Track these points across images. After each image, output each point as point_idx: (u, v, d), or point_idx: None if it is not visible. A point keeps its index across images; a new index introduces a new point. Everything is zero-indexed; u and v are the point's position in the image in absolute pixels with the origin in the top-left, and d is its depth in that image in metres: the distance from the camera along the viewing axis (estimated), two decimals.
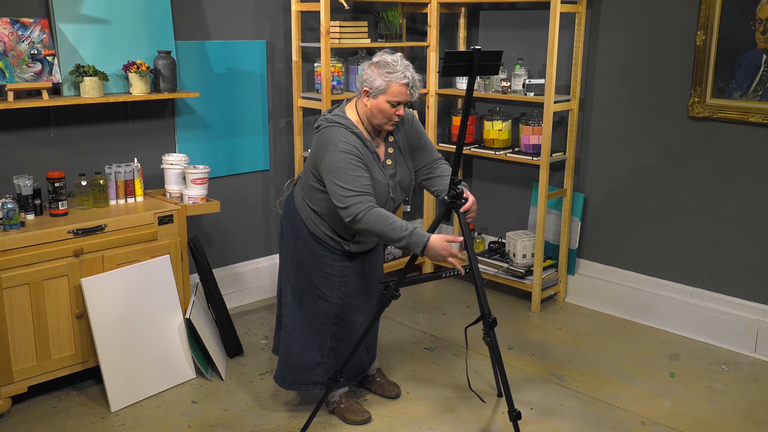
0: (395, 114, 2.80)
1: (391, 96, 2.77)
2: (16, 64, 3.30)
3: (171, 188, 3.71)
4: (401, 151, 2.97)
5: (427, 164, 3.04)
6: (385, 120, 2.83)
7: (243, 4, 4.14)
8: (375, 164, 2.86)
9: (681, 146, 4.06)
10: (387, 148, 2.94)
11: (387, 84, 2.76)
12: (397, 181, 2.95)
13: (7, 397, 3.15)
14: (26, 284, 3.11)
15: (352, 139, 2.80)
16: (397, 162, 2.96)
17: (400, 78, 2.76)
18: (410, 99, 2.81)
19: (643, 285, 4.30)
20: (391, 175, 2.93)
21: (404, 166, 2.98)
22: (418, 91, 2.83)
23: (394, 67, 2.76)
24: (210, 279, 3.77)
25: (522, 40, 4.66)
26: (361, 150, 2.80)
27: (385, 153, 2.93)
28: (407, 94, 2.78)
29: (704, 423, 3.23)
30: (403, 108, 2.82)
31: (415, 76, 2.80)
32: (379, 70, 2.78)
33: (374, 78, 2.78)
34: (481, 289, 2.76)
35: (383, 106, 2.79)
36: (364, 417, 3.19)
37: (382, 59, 2.80)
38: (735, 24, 3.74)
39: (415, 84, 2.80)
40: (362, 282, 3.10)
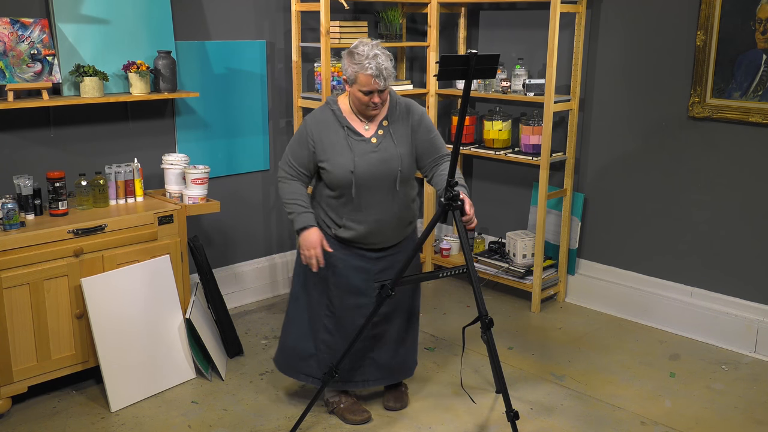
0: (371, 102, 2.84)
1: (360, 86, 2.82)
2: (16, 64, 3.30)
3: (171, 188, 3.71)
4: (393, 137, 2.96)
5: (433, 159, 3.04)
6: (363, 106, 2.88)
7: (243, 4, 4.14)
8: (344, 139, 2.90)
9: (681, 146, 4.06)
10: (378, 129, 2.95)
11: (355, 74, 2.81)
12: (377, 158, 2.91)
13: (7, 397, 3.15)
14: (26, 284, 3.11)
15: (323, 115, 2.93)
16: (387, 147, 2.94)
17: (366, 69, 2.77)
18: (380, 88, 2.82)
19: (643, 285, 4.30)
20: (372, 151, 2.91)
21: (401, 148, 2.95)
22: (388, 80, 2.82)
23: (361, 57, 2.78)
24: (210, 279, 3.77)
25: (522, 40, 4.66)
26: (319, 129, 2.91)
27: (375, 133, 2.94)
28: (374, 83, 2.79)
29: (704, 423, 3.23)
30: (378, 96, 2.83)
31: (383, 65, 2.78)
32: (350, 59, 2.83)
33: (347, 67, 2.85)
34: (478, 289, 2.77)
35: (357, 95, 2.85)
36: (363, 417, 3.18)
37: (355, 49, 2.83)
38: (735, 24, 3.74)
39: (381, 73, 2.78)
40: (363, 282, 3.04)
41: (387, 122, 2.97)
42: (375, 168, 2.91)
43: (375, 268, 3.05)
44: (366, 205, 2.94)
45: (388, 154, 2.93)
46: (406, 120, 2.99)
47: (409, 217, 3.09)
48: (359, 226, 2.96)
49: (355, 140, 2.92)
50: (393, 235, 3.04)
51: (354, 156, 2.89)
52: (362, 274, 3.04)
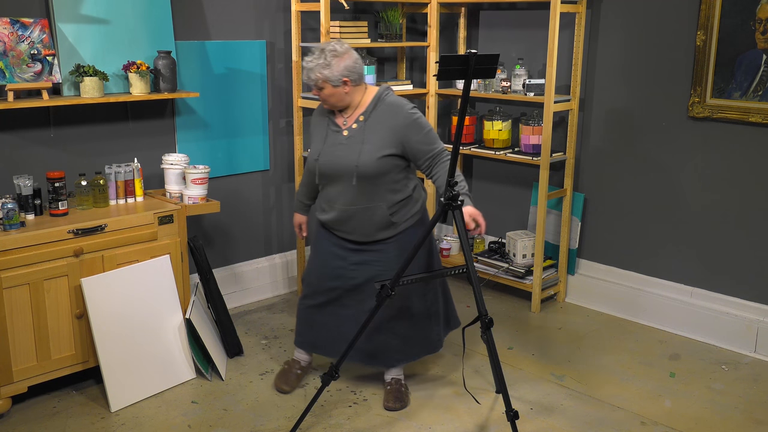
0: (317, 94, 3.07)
1: None
2: (16, 64, 3.30)
3: (171, 188, 3.71)
4: (364, 134, 3.05)
5: (429, 158, 3.08)
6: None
7: (243, 4, 4.14)
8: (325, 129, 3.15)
9: (681, 146, 4.06)
10: (353, 124, 3.09)
11: None
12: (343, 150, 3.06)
13: (7, 397, 3.16)
14: (26, 284, 3.11)
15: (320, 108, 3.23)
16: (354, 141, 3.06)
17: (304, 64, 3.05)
18: (311, 84, 3.03)
19: (643, 285, 4.30)
20: (340, 143, 3.09)
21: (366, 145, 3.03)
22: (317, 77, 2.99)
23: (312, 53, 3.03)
24: (210, 279, 3.77)
25: (522, 40, 4.66)
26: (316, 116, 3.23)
27: (349, 127, 3.09)
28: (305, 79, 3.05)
29: (704, 423, 3.23)
30: (316, 90, 3.04)
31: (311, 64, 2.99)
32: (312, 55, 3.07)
33: None
34: (478, 289, 2.78)
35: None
36: (283, 387, 3.39)
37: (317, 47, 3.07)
38: (735, 24, 3.74)
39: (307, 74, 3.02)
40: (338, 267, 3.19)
41: (363, 118, 3.07)
42: (337, 159, 3.07)
43: (352, 258, 3.19)
44: (333, 193, 3.14)
45: (352, 148, 3.04)
46: (387, 122, 3.04)
47: (378, 222, 3.10)
48: (331, 211, 3.16)
49: (332, 131, 3.12)
50: (365, 230, 3.12)
51: (323, 146, 3.11)
52: (338, 260, 3.20)
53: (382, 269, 3.15)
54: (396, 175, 3.09)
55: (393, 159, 3.05)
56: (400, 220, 3.14)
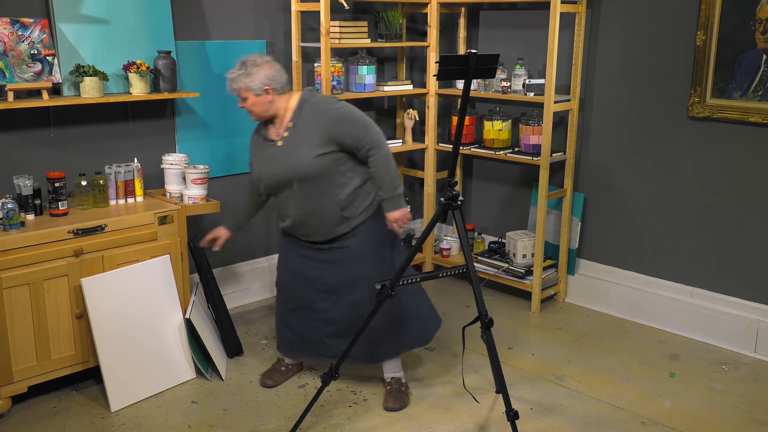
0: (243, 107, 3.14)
1: None
2: (16, 64, 3.30)
3: (171, 188, 3.71)
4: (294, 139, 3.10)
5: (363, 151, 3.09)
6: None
7: (243, 4, 4.14)
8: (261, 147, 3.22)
9: (681, 146, 4.06)
10: (284, 132, 3.14)
11: None
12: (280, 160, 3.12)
13: (7, 397, 3.15)
14: (26, 284, 3.11)
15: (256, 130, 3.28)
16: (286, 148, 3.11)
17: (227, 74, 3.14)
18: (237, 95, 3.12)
19: (643, 285, 4.30)
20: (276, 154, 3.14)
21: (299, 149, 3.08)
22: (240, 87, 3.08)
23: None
24: (210, 279, 3.77)
25: (522, 40, 4.66)
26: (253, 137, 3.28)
27: (282, 136, 3.15)
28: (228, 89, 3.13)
29: (704, 423, 3.23)
30: (242, 102, 3.12)
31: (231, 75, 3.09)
32: None
33: None
34: (478, 289, 2.78)
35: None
36: (266, 382, 3.47)
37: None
38: (735, 24, 3.74)
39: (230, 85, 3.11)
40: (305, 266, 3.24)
41: (292, 124, 3.12)
42: (276, 170, 3.13)
43: (317, 258, 3.23)
44: (282, 203, 3.20)
45: (288, 155, 3.09)
46: (315, 121, 3.07)
47: (331, 219, 3.12)
48: (287, 219, 3.22)
49: (267, 146, 3.18)
50: (322, 230, 3.16)
51: (262, 162, 3.19)
52: (305, 261, 3.26)
53: (349, 265, 3.20)
54: (338, 169, 3.09)
55: (331, 155, 3.06)
56: (353, 213, 3.15)
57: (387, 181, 3.08)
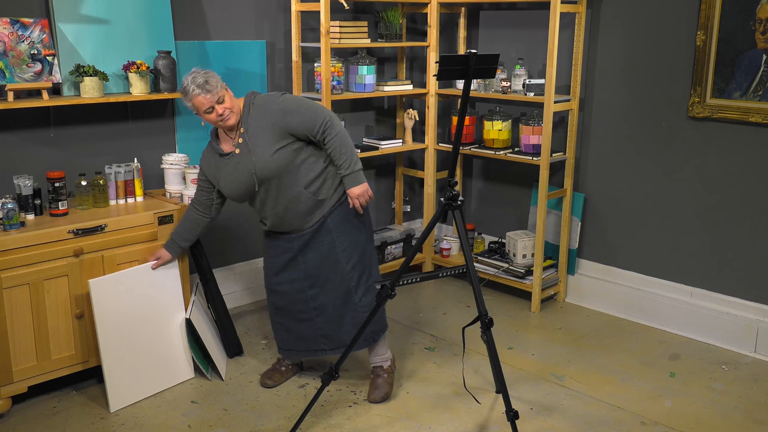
0: (217, 116, 3.05)
1: (201, 108, 3.05)
2: (16, 64, 3.30)
3: (171, 188, 3.71)
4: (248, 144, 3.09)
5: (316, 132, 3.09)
6: (218, 123, 3.10)
7: (243, 4, 4.14)
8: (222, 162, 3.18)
9: (681, 146, 4.06)
10: (238, 139, 3.13)
11: (191, 103, 3.05)
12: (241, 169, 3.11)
13: (7, 397, 3.15)
14: (26, 284, 3.11)
15: (207, 150, 3.27)
16: (244, 153, 3.11)
17: (192, 93, 3.01)
18: (214, 98, 3.02)
19: (643, 285, 4.30)
20: (237, 164, 3.13)
21: (256, 150, 3.08)
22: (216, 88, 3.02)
23: (185, 88, 3.03)
24: (210, 279, 3.76)
25: (522, 40, 4.66)
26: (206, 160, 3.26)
27: (237, 144, 3.13)
28: (205, 99, 3.01)
29: (704, 423, 3.23)
30: (218, 107, 3.04)
31: (200, 80, 3.00)
32: (183, 98, 3.08)
33: (186, 104, 3.09)
34: (478, 289, 2.78)
35: (207, 117, 3.08)
36: (266, 382, 3.49)
37: (181, 87, 3.08)
38: (735, 24, 3.74)
39: (204, 87, 3.00)
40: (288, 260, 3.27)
41: (243, 129, 3.13)
42: (241, 177, 3.12)
43: (295, 247, 3.25)
44: (258, 206, 3.22)
45: (247, 160, 3.10)
46: (263, 120, 3.09)
47: (307, 206, 3.16)
48: (267, 220, 3.25)
49: (224, 161, 3.16)
50: (301, 219, 3.20)
51: (224, 177, 3.18)
52: (287, 253, 3.27)
53: (328, 244, 3.22)
54: (299, 158, 3.11)
55: (288, 147, 3.09)
56: (327, 195, 3.19)
57: (345, 159, 3.12)
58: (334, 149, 3.10)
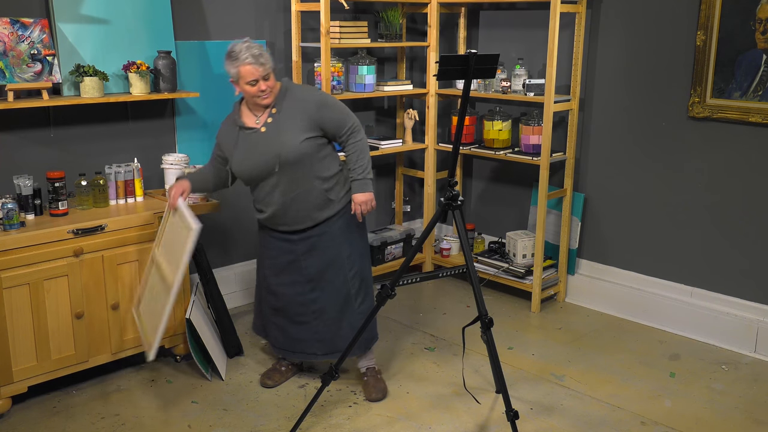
0: (258, 90, 3.07)
1: (245, 78, 3.05)
2: (16, 64, 3.30)
3: None
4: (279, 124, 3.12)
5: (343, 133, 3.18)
6: (253, 98, 3.11)
7: (243, 4, 4.14)
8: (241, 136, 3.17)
9: (681, 146, 4.06)
10: (267, 118, 3.15)
11: (237, 70, 3.05)
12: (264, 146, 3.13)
13: (7, 397, 3.16)
14: (26, 284, 3.11)
15: (227, 120, 3.27)
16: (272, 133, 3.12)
17: (243, 60, 3.02)
18: (263, 73, 3.04)
19: (643, 285, 4.30)
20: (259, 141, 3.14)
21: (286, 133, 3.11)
22: (267, 65, 3.05)
23: (237, 54, 3.04)
24: (210, 279, 3.76)
25: (522, 40, 4.66)
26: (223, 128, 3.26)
27: (264, 122, 3.15)
28: (255, 70, 3.03)
29: (704, 423, 3.23)
30: (263, 83, 3.05)
31: (256, 52, 3.03)
32: (229, 61, 3.08)
33: (229, 69, 3.09)
34: (478, 289, 2.78)
35: (246, 88, 3.08)
36: (266, 383, 3.47)
37: (229, 50, 3.09)
38: (735, 24, 3.74)
39: (258, 60, 3.02)
40: (289, 262, 3.26)
41: (276, 110, 3.14)
42: (260, 156, 3.12)
43: (298, 249, 3.23)
44: (266, 190, 3.18)
45: (273, 140, 3.11)
46: (299, 107, 3.14)
47: (316, 202, 3.17)
48: (268, 208, 3.21)
49: (246, 134, 3.16)
50: (306, 214, 3.19)
51: (242, 149, 3.16)
52: (288, 255, 3.26)
53: (332, 250, 3.24)
54: (320, 153, 3.17)
55: (314, 140, 3.14)
56: (336, 198, 3.21)
57: (360, 164, 3.17)
58: (353, 153, 3.17)
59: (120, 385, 3.46)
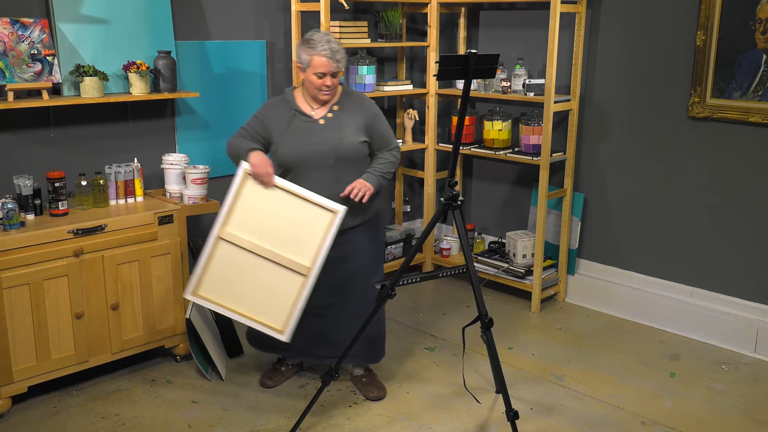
0: (323, 84, 3.06)
1: (314, 68, 3.03)
2: (16, 64, 3.30)
3: (171, 188, 3.71)
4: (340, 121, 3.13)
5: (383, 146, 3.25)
6: (316, 90, 3.08)
7: (243, 4, 4.14)
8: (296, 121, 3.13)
9: (681, 146, 4.06)
10: (327, 113, 3.15)
11: (310, 57, 3.03)
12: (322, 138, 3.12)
13: (7, 397, 3.15)
14: (26, 284, 3.11)
15: (275, 101, 3.24)
16: (332, 127, 3.13)
17: (320, 51, 3.01)
18: (334, 69, 3.04)
19: (643, 285, 4.30)
20: (317, 130, 3.13)
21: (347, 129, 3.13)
22: (341, 63, 3.05)
23: (315, 42, 3.03)
24: None
25: (522, 40, 4.66)
26: (271, 110, 3.19)
27: (324, 116, 3.14)
28: (328, 64, 3.01)
29: (704, 423, 3.23)
30: (330, 78, 3.04)
31: (336, 47, 3.03)
32: (304, 46, 3.06)
33: (301, 54, 3.07)
34: (478, 289, 2.78)
35: (311, 78, 3.06)
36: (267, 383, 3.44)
37: (308, 36, 3.07)
38: (735, 24, 3.74)
39: (334, 56, 3.02)
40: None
41: (337, 107, 3.16)
42: (314, 146, 3.10)
43: (331, 255, 3.11)
44: (313, 182, 3.11)
45: (332, 134, 3.11)
46: (359, 111, 3.18)
47: (354, 205, 3.14)
48: None
49: (302, 121, 3.13)
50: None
51: (295, 134, 3.12)
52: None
53: (357, 260, 3.23)
54: (366, 159, 3.23)
55: (364, 145, 3.19)
56: (368, 206, 3.21)
57: (383, 168, 3.19)
58: (384, 160, 3.22)
59: (120, 385, 3.46)
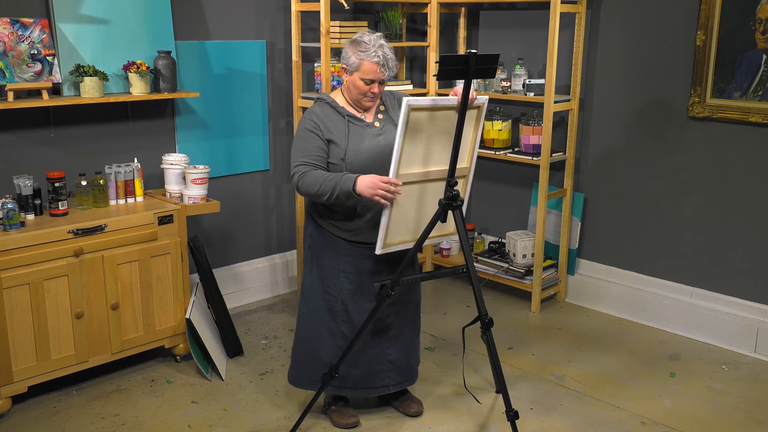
0: (370, 91, 2.87)
1: (363, 73, 2.84)
2: (16, 64, 3.30)
3: (171, 188, 3.71)
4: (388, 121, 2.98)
5: None
6: (360, 95, 2.89)
7: (243, 4, 4.14)
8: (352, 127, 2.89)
9: (681, 146, 4.06)
10: (377, 114, 2.98)
11: (359, 62, 2.83)
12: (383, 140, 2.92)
13: (7, 397, 3.16)
14: (26, 284, 3.11)
15: (321, 109, 2.91)
16: (387, 128, 2.95)
17: (372, 56, 2.81)
18: (383, 77, 2.86)
19: (643, 285, 4.30)
20: (377, 134, 2.93)
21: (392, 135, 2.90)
22: (392, 71, 2.87)
23: (367, 46, 2.82)
24: (210, 279, 3.77)
25: (522, 40, 4.66)
26: (323, 119, 2.88)
27: (375, 118, 2.96)
28: (379, 72, 2.83)
29: (704, 423, 3.23)
30: (377, 86, 2.86)
31: (389, 55, 2.84)
32: (354, 48, 2.85)
33: (350, 55, 2.86)
34: (478, 289, 2.77)
35: (357, 83, 2.86)
36: (350, 421, 3.13)
37: (359, 38, 2.87)
38: (735, 24, 3.74)
39: (386, 63, 2.83)
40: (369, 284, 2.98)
41: (384, 107, 3.01)
42: (381, 150, 2.89)
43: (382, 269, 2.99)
44: None
45: (390, 135, 2.92)
46: (398, 107, 2.98)
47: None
48: (366, 213, 2.91)
49: (358, 126, 2.91)
50: None
51: (355, 139, 2.88)
52: (374, 276, 2.99)
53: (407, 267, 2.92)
54: None
55: None
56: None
57: None
58: None
59: (120, 385, 3.46)
